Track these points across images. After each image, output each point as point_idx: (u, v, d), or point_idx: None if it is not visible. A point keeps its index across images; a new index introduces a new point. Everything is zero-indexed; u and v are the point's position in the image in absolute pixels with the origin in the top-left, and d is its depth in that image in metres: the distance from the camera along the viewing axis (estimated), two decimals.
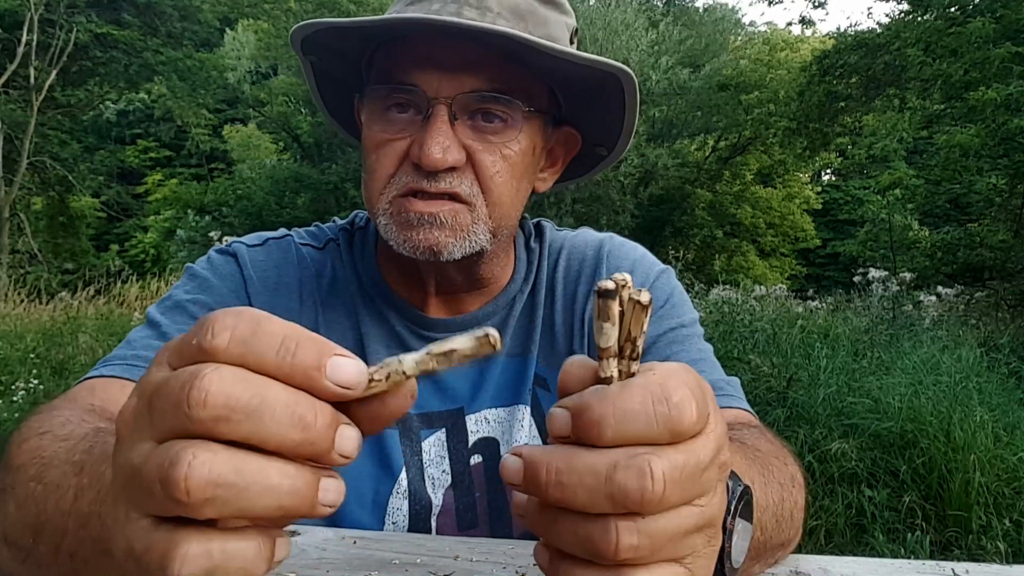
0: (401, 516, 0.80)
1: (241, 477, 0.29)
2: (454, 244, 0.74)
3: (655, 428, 0.32)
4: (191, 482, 0.28)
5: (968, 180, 8.40)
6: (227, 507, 0.29)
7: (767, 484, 0.58)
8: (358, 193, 12.12)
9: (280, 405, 0.30)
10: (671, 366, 0.35)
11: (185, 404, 0.29)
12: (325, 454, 0.32)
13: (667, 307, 0.87)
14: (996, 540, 2.77)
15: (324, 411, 0.32)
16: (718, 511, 0.36)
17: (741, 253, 18.17)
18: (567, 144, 0.87)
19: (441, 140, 0.70)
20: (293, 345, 0.32)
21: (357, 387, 0.33)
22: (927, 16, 9.32)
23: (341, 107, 0.90)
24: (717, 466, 0.35)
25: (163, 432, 0.31)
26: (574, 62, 0.72)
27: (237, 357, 0.31)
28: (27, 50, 14.74)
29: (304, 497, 0.31)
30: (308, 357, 0.32)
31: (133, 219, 22.34)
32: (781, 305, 7.31)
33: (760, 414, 0.80)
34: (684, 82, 14.17)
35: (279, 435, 0.30)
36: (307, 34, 0.75)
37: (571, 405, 0.34)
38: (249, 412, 0.30)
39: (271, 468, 0.30)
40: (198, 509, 0.29)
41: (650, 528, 0.33)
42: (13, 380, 5.18)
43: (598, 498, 0.32)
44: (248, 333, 0.31)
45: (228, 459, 0.29)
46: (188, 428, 0.30)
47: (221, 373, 0.30)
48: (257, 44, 16.85)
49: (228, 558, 0.30)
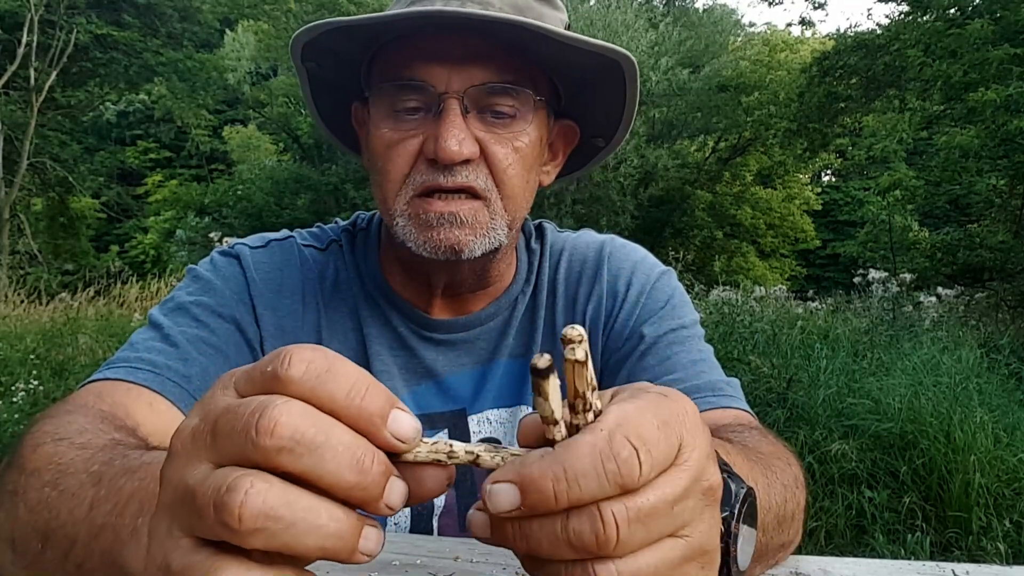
0: (403, 517, 0.80)
1: (292, 512, 0.30)
2: (475, 242, 0.74)
3: (607, 487, 0.32)
4: (245, 510, 0.29)
5: (968, 181, 8.40)
6: (274, 540, 0.30)
7: (770, 486, 0.58)
8: (358, 194, 11.99)
9: (342, 446, 0.31)
10: (622, 413, 0.33)
11: (253, 431, 0.30)
12: (374, 501, 0.32)
13: (667, 308, 0.87)
14: (996, 541, 2.77)
15: (381, 459, 0.32)
16: (708, 537, 0.35)
17: (741, 254, 18.17)
18: (566, 137, 0.88)
19: (456, 132, 0.70)
20: (363, 389, 0.32)
21: (410, 443, 0.33)
22: (927, 17, 9.32)
23: (336, 116, 0.89)
24: (699, 494, 0.34)
25: (224, 457, 0.31)
26: (578, 48, 0.73)
27: (308, 391, 0.32)
28: (27, 51, 14.74)
29: (346, 542, 0.31)
30: (375, 404, 0.32)
31: (133, 220, 22.34)
32: (781, 306, 7.30)
33: (760, 415, 0.80)
34: (684, 83, 14.17)
35: (336, 474, 0.31)
36: (310, 38, 0.75)
37: (516, 478, 0.33)
38: (313, 447, 0.30)
39: (322, 508, 0.31)
40: (246, 538, 0.29)
41: (631, 568, 0.32)
42: (13, 381, 5.17)
43: (559, 546, 0.32)
44: (323, 369, 0.32)
45: (282, 493, 0.30)
46: (250, 455, 0.30)
47: (291, 406, 0.31)
48: (257, 45, 16.86)
49: None
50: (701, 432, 0.36)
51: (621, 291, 0.88)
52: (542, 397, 0.33)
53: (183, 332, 0.76)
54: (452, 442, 0.35)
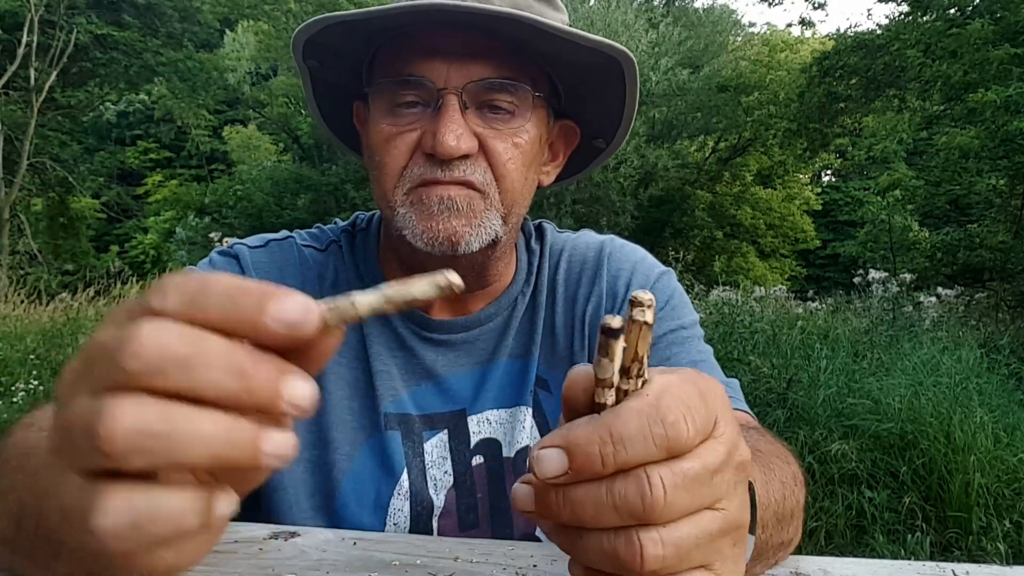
0: (402, 517, 0.80)
1: (169, 426, 0.29)
2: (471, 234, 0.74)
3: (654, 451, 0.32)
4: (114, 431, 0.28)
5: (968, 181, 8.40)
6: (155, 457, 0.29)
7: (768, 483, 0.58)
8: (358, 194, 12.00)
9: (214, 355, 0.30)
10: (666, 381, 0.34)
11: (119, 356, 0.29)
12: (272, 404, 0.30)
13: (667, 309, 0.87)
14: (996, 541, 2.77)
15: (264, 359, 0.30)
16: (741, 513, 0.36)
17: (741, 254, 18.17)
18: (567, 137, 0.88)
19: (454, 128, 0.71)
20: (236, 293, 0.31)
21: (307, 325, 0.31)
22: (927, 17, 9.33)
23: (337, 116, 0.90)
24: (732, 467, 0.35)
25: (97, 388, 0.30)
26: (577, 45, 0.73)
27: (183, 316, 0.30)
28: (27, 51, 14.74)
29: (242, 447, 0.30)
30: (249, 302, 0.31)
31: (133, 220, 22.34)
32: (781, 306, 7.30)
33: (760, 415, 0.80)
34: (684, 83, 14.17)
35: (215, 385, 0.29)
36: (312, 34, 0.75)
37: (563, 443, 0.33)
38: (183, 363, 0.29)
39: (202, 417, 0.29)
40: (124, 459, 0.28)
41: (673, 536, 0.33)
42: (13, 381, 5.17)
43: (604, 511, 0.32)
44: (195, 291, 0.31)
45: (155, 409, 0.29)
46: (122, 382, 0.29)
47: (155, 325, 0.29)
48: (257, 45, 16.86)
49: (154, 510, 0.29)
50: (731, 411, 0.37)
51: (621, 291, 0.88)
52: (608, 358, 0.33)
53: None
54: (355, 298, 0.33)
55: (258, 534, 0.67)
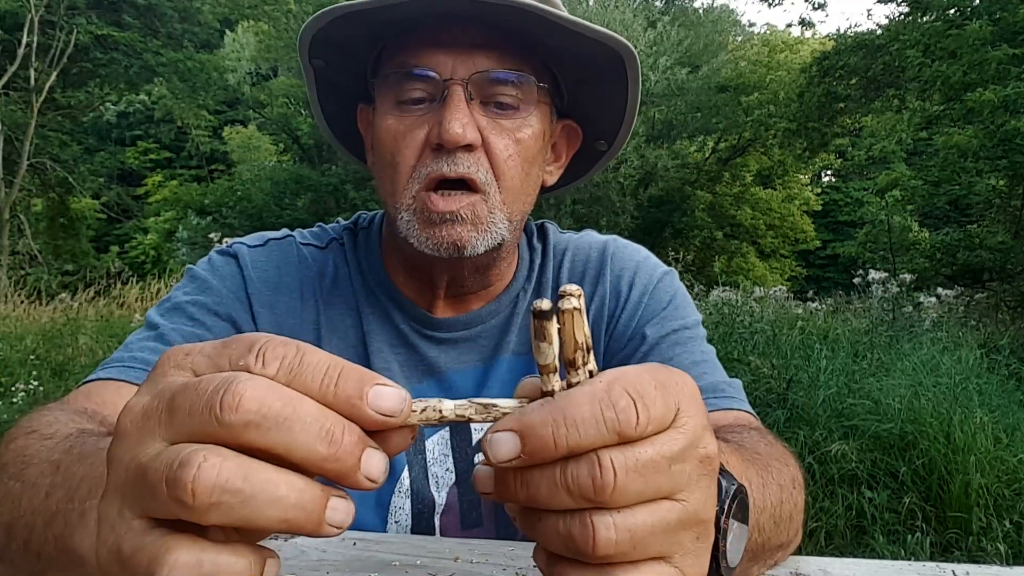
0: (404, 515, 0.80)
1: (249, 485, 0.29)
2: (477, 238, 0.74)
3: (606, 434, 0.32)
4: (199, 484, 0.28)
5: (968, 181, 8.41)
6: (231, 514, 0.29)
7: (765, 485, 0.58)
8: (358, 195, 11.99)
9: (310, 418, 0.30)
10: (622, 371, 0.34)
11: (217, 407, 0.29)
12: (351, 473, 0.31)
13: (670, 309, 0.87)
14: (996, 542, 2.77)
15: (352, 430, 0.32)
16: (703, 507, 0.35)
17: (741, 254, 18.16)
18: (569, 138, 0.88)
19: (460, 116, 0.71)
20: (336, 374, 0.32)
21: (399, 415, 0.32)
22: (926, 18, 9.33)
23: (340, 118, 0.90)
24: (695, 460, 0.35)
25: (179, 435, 0.30)
26: (582, 38, 0.73)
27: (282, 382, 0.31)
28: (27, 52, 14.74)
29: (310, 513, 0.31)
30: (349, 385, 0.32)
31: (133, 221, 22.32)
32: (781, 306, 7.30)
33: (760, 415, 0.81)
34: (683, 83, 14.17)
35: (306, 447, 0.30)
36: (319, 27, 0.76)
37: (516, 426, 0.33)
38: (280, 420, 0.30)
39: (280, 478, 0.30)
40: (202, 513, 0.28)
41: (628, 522, 0.32)
42: (13, 381, 5.18)
43: (557, 493, 0.32)
44: (295, 360, 0.32)
45: (238, 465, 0.29)
46: (213, 432, 0.29)
47: (257, 381, 0.30)
48: (257, 45, 16.85)
49: (218, 570, 0.30)
50: (698, 404, 0.36)
51: (624, 291, 0.88)
52: (545, 341, 0.34)
53: (179, 331, 0.76)
54: (442, 401, 0.34)
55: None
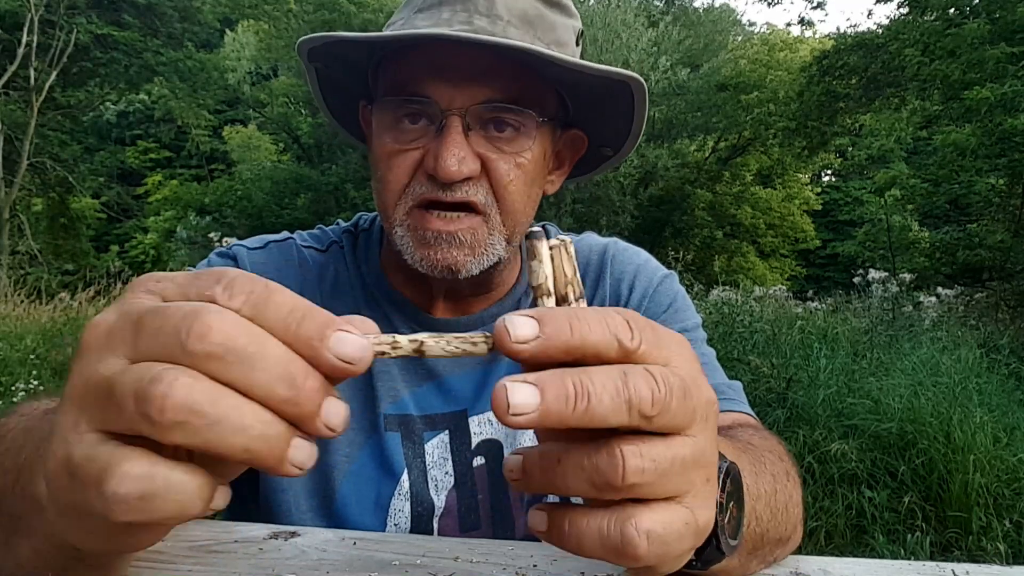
0: (403, 518, 0.80)
1: (216, 409, 0.29)
2: (472, 262, 0.74)
3: (608, 336, 0.33)
4: (168, 401, 0.28)
5: (967, 180, 8.41)
6: (195, 436, 0.29)
7: (758, 474, 0.58)
8: (358, 194, 11.99)
9: (274, 359, 0.30)
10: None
11: (183, 333, 0.29)
12: (310, 419, 0.31)
13: (670, 311, 0.88)
14: (996, 541, 2.77)
15: (315, 376, 0.31)
16: (710, 448, 0.36)
17: (741, 254, 18.18)
18: (574, 146, 0.87)
19: (456, 152, 0.70)
20: (300, 315, 0.32)
21: (359, 363, 0.32)
22: (926, 17, 9.33)
23: (344, 110, 0.89)
24: (704, 401, 0.35)
25: (143, 355, 0.30)
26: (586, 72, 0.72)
27: (247, 317, 0.31)
28: (27, 51, 14.74)
29: (273, 447, 0.30)
30: (313, 327, 0.32)
31: (133, 220, 22.34)
32: (781, 306, 7.31)
33: (760, 415, 0.81)
34: (683, 82, 14.18)
35: (267, 386, 0.30)
36: (314, 45, 0.75)
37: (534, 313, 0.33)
38: (244, 357, 0.30)
39: (248, 408, 0.30)
40: (166, 431, 0.28)
41: (653, 452, 0.33)
42: (13, 381, 5.18)
43: (619, 405, 0.32)
44: (261, 297, 0.32)
45: (209, 388, 0.29)
46: (177, 358, 0.29)
47: (226, 315, 0.30)
48: (257, 45, 16.87)
49: (168, 487, 0.29)
50: (692, 359, 0.37)
51: (624, 294, 0.88)
52: (536, 259, 0.35)
53: None
54: (395, 335, 0.34)
55: (258, 534, 0.67)
